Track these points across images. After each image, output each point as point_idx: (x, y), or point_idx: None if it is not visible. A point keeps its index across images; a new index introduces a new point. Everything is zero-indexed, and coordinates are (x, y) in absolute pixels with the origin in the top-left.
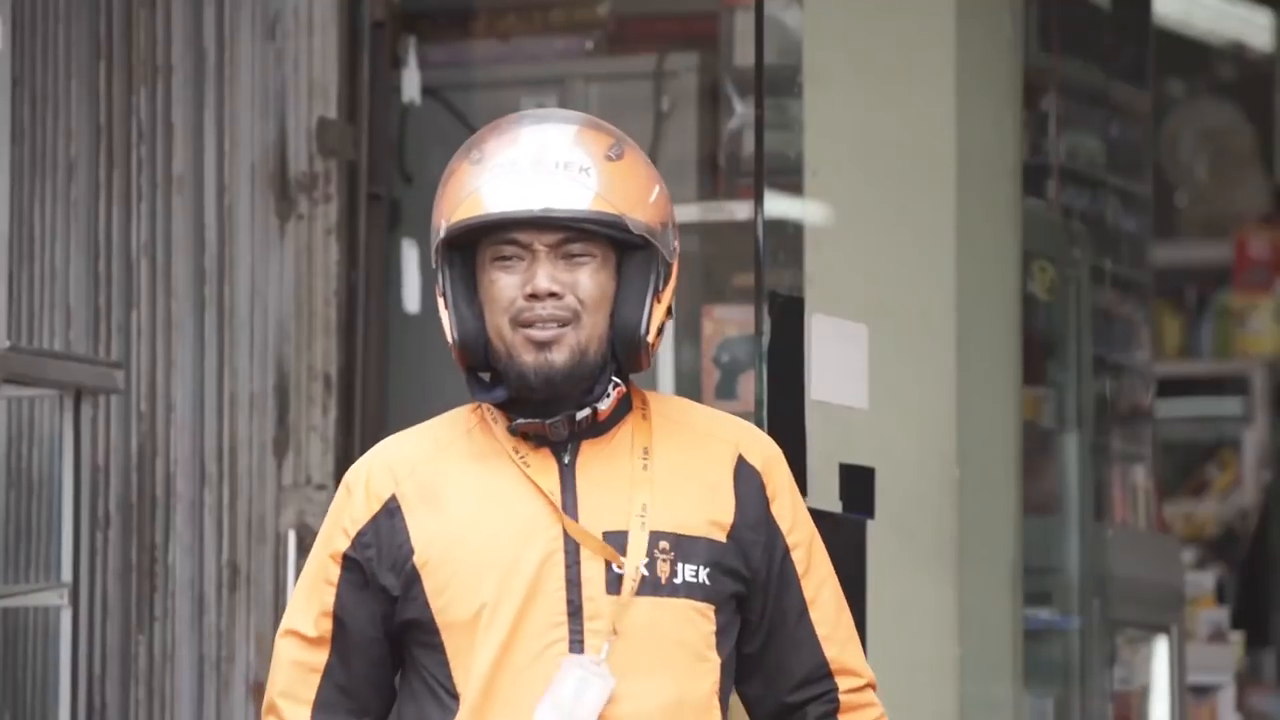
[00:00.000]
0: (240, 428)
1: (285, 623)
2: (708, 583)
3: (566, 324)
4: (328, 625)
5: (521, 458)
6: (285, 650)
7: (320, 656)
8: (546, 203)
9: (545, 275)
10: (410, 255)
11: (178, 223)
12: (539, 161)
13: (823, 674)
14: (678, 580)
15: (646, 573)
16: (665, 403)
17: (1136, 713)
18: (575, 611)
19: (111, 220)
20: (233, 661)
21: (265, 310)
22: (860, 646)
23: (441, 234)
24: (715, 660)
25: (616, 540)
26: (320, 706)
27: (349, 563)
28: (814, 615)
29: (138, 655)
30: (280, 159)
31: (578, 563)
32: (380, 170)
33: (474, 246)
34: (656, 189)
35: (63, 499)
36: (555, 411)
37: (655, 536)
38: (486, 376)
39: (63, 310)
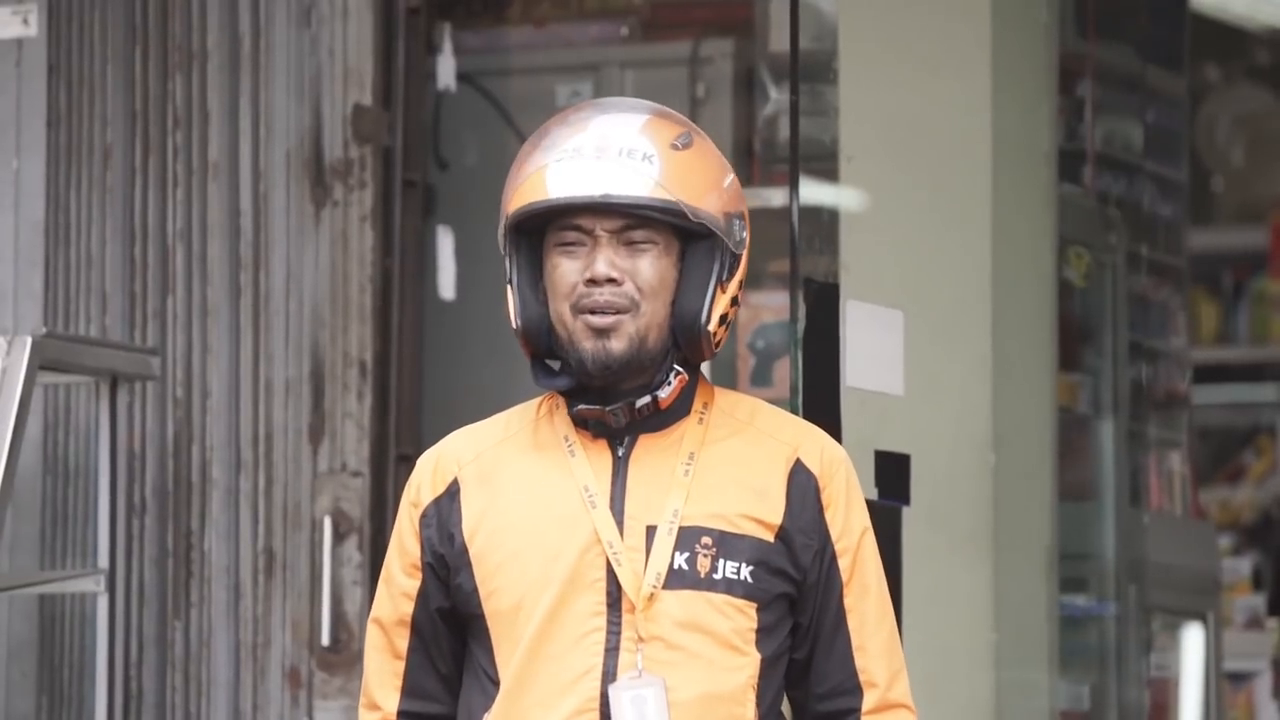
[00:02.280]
0: (276, 414)
1: (372, 610)
2: (750, 580)
3: (625, 311)
4: (408, 608)
5: (570, 447)
6: (371, 638)
7: (402, 640)
8: (606, 188)
9: (605, 261)
10: (445, 242)
11: (213, 209)
12: (602, 149)
13: (851, 685)
14: (717, 575)
15: (686, 566)
16: (735, 403)
17: (1172, 699)
18: (614, 603)
19: (147, 206)
20: (269, 648)
21: (300, 297)
22: (899, 667)
23: (506, 219)
24: (754, 655)
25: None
26: (409, 691)
27: (420, 544)
28: (851, 623)
29: (174, 641)
30: (315, 145)
31: (620, 554)
32: (415, 156)
33: (541, 232)
34: (725, 180)
35: (99, 486)
36: (617, 399)
37: (698, 532)
38: (557, 365)
39: (99, 297)
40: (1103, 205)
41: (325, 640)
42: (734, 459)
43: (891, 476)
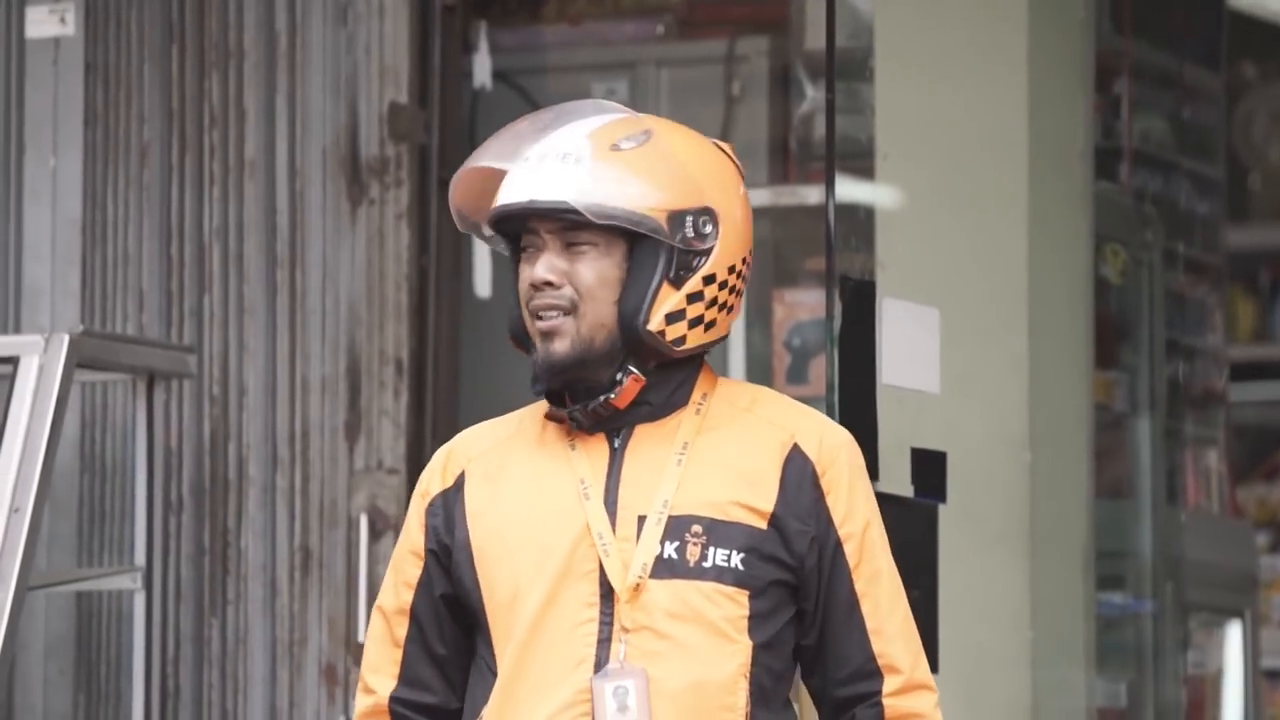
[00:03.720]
0: (312, 412)
1: (377, 599)
2: (741, 568)
3: (566, 314)
4: (408, 597)
5: (572, 441)
6: (373, 625)
7: (401, 629)
8: (532, 194)
9: (544, 265)
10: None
11: (250, 207)
12: (544, 155)
13: (870, 669)
14: (707, 564)
15: (675, 555)
16: (738, 392)
17: (1210, 697)
18: (607, 594)
19: (184, 205)
20: (305, 645)
21: (337, 295)
22: (918, 649)
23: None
24: (745, 643)
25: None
26: (404, 679)
27: (425, 532)
28: (865, 608)
29: (211, 639)
30: (352, 144)
31: (610, 545)
32: (451, 155)
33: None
34: (681, 178)
35: (136, 483)
36: (585, 398)
37: (689, 520)
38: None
39: (135, 295)
40: (1139, 202)
41: (362, 637)
42: (728, 446)
43: (927, 474)
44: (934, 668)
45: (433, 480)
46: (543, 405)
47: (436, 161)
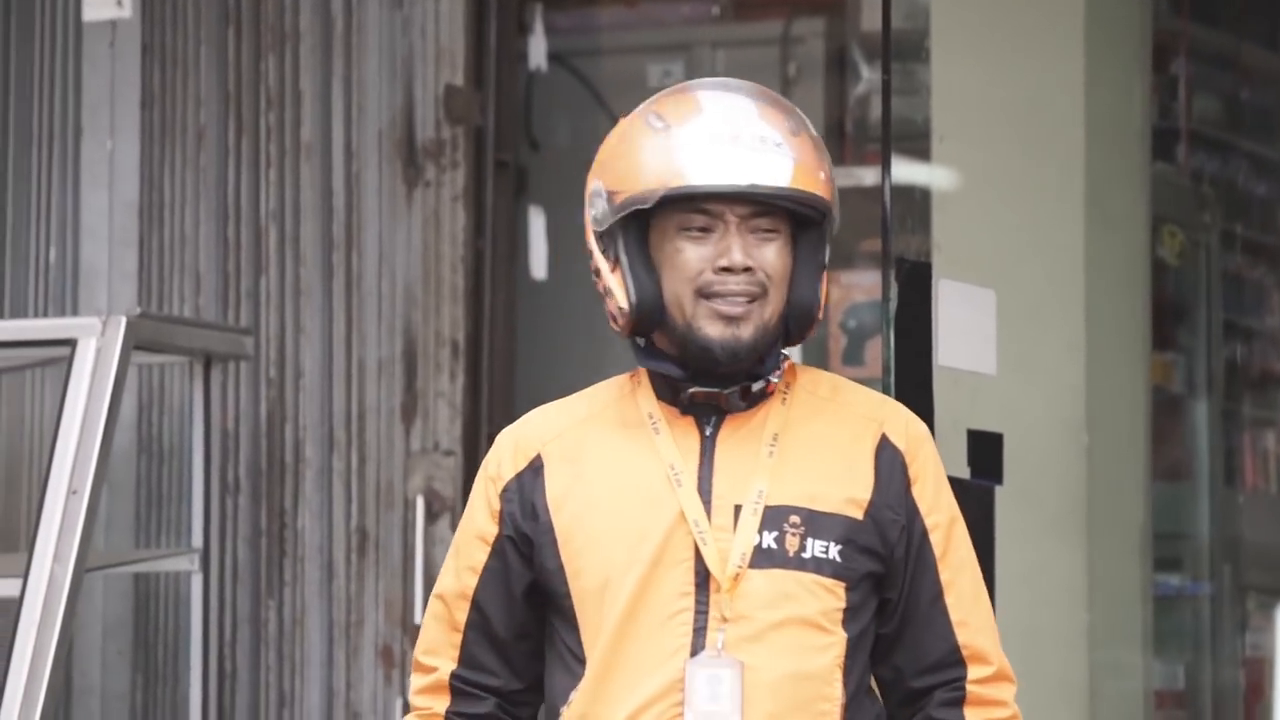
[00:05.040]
0: (369, 394)
1: (436, 585)
2: (839, 559)
3: (755, 299)
4: (471, 582)
5: (655, 424)
6: (431, 608)
7: (461, 613)
8: (752, 178)
9: (740, 249)
10: (537, 222)
11: (306, 189)
12: (736, 136)
13: (954, 659)
14: (806, 555)
15: (775, 545)
16: (817, 380)
17: (1268, 679)
18: (702, 583)
19: (240, 187)
20: (362, 626)
21: (393, 277)
22: (997, 639)
23: (619, 201)
24: (840, 635)
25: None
26: (464, 662)
27: (498, 519)
28: (949, 599)
29: (268, 620)
30: (408, 126)
31: (706, 534)
32: (507, 137)
33: (647, 213)
34: (829, 162)
35: (193, 465)
36: (720, 382)
37: (786, 510)
38: (641, 343)
39: (192, 277)
40: (1196, 184)
41: (418, 619)
42: (820, 437)
43: (984, 456)
44: None
45: (504, 464)
46: (611, 385)
47: (492, 143)
